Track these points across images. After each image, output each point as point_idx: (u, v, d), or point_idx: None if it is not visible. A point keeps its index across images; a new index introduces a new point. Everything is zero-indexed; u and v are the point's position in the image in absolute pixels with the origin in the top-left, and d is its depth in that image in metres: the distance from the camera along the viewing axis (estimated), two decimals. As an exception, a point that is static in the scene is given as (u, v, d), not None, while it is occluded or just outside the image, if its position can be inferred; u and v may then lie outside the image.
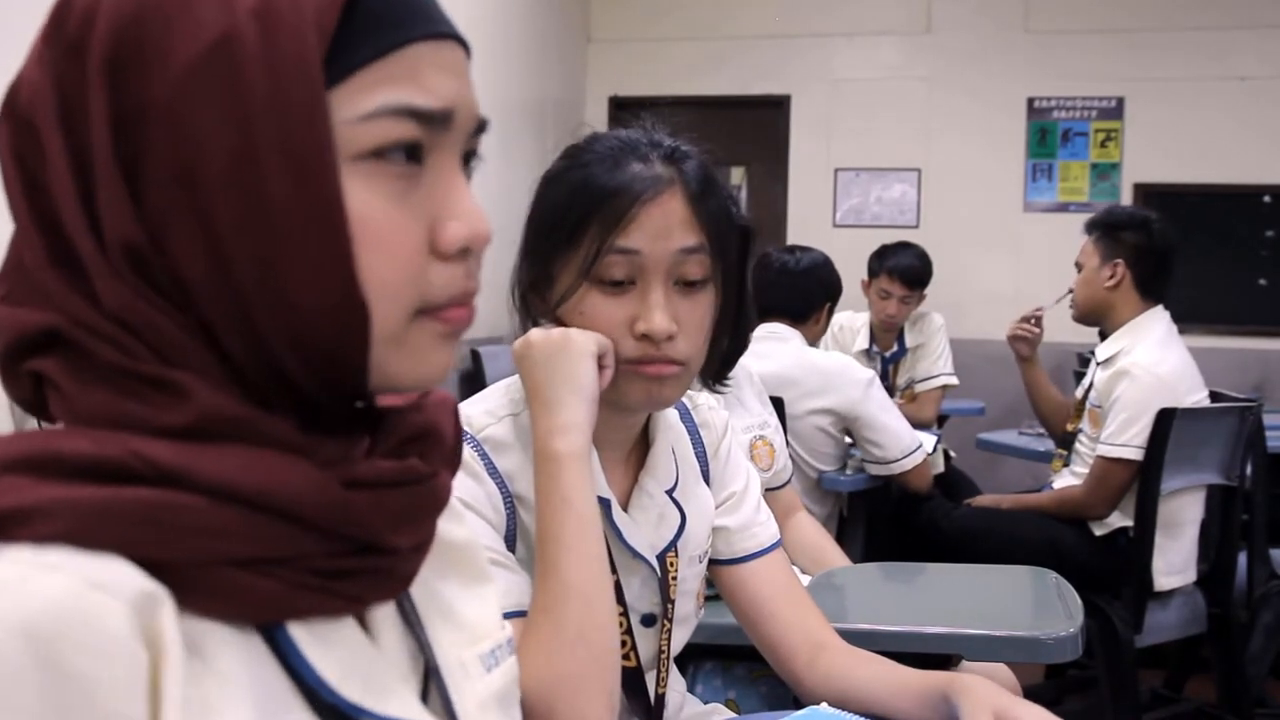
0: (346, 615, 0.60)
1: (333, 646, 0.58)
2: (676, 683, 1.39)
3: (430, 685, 0.66)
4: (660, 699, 1.29)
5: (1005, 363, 3.64)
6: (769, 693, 1.72)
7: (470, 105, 0.62)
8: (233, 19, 0.54)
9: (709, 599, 1.38)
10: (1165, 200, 5.21)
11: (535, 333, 1.16)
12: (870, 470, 2.95)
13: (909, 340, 4.34)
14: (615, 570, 1.20)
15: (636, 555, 1.23)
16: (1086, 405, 3.06)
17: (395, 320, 0.59)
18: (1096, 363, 3.06)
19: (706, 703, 1.49)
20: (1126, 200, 5.44)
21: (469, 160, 0.64)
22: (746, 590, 1.32)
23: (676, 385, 1.19)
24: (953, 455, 3.87)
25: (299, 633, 0.57)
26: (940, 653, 1.50)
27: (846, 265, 3.35)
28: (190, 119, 0.54)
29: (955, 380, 4.31)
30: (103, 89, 0.55)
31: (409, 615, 0.66)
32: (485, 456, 1.18)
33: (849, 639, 1.28)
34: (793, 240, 4.99)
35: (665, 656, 1.29)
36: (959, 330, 4.61)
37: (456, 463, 0.69)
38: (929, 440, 3.10)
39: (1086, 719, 3.06)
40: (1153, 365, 2.86)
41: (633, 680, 1.24)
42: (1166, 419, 2.74)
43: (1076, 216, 4.21)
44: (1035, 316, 3.44)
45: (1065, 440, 3.17)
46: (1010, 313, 3.60)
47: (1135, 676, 2.78)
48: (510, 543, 1.17)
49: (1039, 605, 1.74)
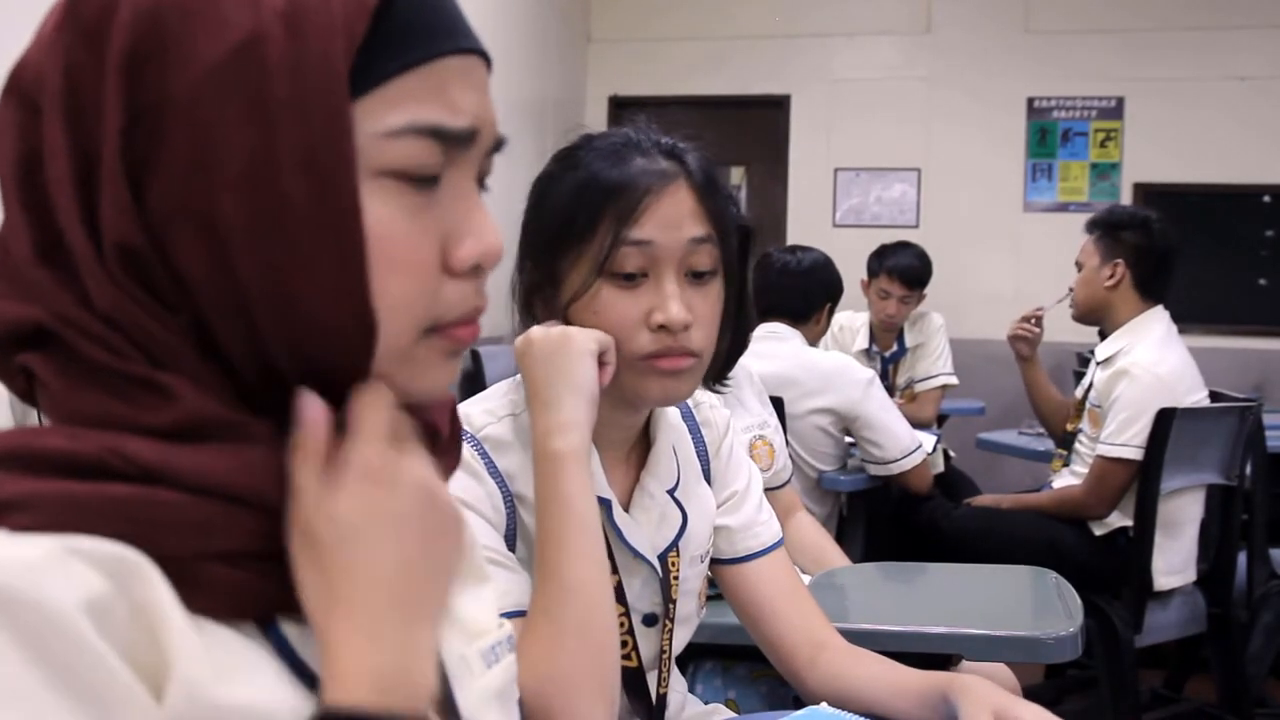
0: None
1: None
2: (678, 683, 1.39)
3: None
4: (661, 699, 1.28)
5: (1005, 363, 3.64)
6: (769, 693, 1.71)
7: (492, 123, 0.61)
8: (260, 20, 0.53)
9: (710, 598, 1.38)
10: (1165, 200, 5.20)
11: (536, 330, 1.16)
12: (870, 470, 2.95)
13: (909, 340, 4.34)
14: (616, 570, 1.20)
15: (638, 555, 1.23)
16: (1086, 405, 3.05)
17: (405, 338, 0.58)
18: (1096, 362, 3.06)
19: (707, 703, 1.49)
20: (1126, 200, 5.43)
21: (482, 181, 0.64)
22: (748, 589, 1.31)
23: (691, 379, 1.18)
24: (952, 455, 3.87)
25: (291, 631, 0.56)
26: (940, 653, 1.50)
27: (846, 265, 3.34)
28: (210, 119, 0.53)
29: (955, 380, 4.31)
30: (119, 82, 0.53)
31: None
32: (485, 455, 1.17)
33: (849, 639, 1.28)
34: (793, 240, 4.99)
35: (667, 656, 1.29)
36: (959, 330, 4.61)
37: (455, 462, 0.69)
38: (929, 440, 3.09)
39: (1086, 719, 3.06)
40: (1152, 365, 2.86)
41: (634, 680, 1.23)
42: (1166, 419, 2.74)
43: (1076, 216, 4.21)
44: (1035, 316, 3.44)
45: (1065, 440, 3.17)
46: (1010, 312, 3.60)
47: (1135, 676, 2.78)
48: (510, 542, 1.17)
49: (1039, 605, 1.74)
